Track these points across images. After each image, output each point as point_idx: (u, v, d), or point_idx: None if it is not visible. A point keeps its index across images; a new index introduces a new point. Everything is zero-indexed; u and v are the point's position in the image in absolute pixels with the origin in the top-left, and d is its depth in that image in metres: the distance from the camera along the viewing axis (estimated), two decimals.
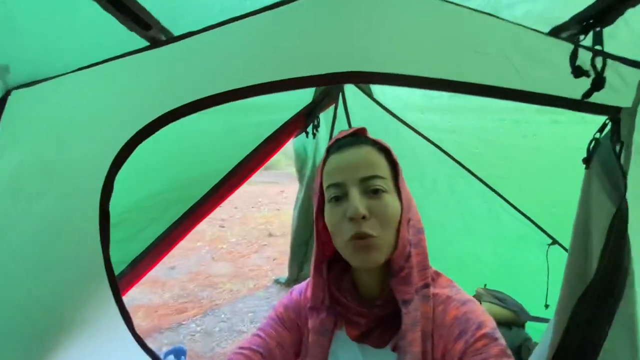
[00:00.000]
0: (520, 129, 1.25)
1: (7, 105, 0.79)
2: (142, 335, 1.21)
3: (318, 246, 0.61)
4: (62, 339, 1.00)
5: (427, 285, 0.56)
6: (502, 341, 0.48)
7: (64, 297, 0.99)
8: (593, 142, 0.78)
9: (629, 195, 0.68)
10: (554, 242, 1.59)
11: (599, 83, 0.57)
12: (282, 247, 4.68)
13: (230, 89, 0.84)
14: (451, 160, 1.52)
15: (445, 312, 0.53)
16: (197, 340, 2.46)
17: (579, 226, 0.79)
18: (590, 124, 1.16)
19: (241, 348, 0.61)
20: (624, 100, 0.73)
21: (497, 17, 0.66)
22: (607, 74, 0.64)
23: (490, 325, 0.50)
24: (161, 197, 1.49)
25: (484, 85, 0.72)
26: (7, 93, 0.78)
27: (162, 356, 1.76)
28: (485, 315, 0.52)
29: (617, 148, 0.72)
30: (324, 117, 1.64)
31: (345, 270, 0.62)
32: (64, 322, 1.00)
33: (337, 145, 0.58)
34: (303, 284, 0.71)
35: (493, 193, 1.54)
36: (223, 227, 5.74)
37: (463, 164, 1.51)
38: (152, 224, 1.51)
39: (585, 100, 0.67)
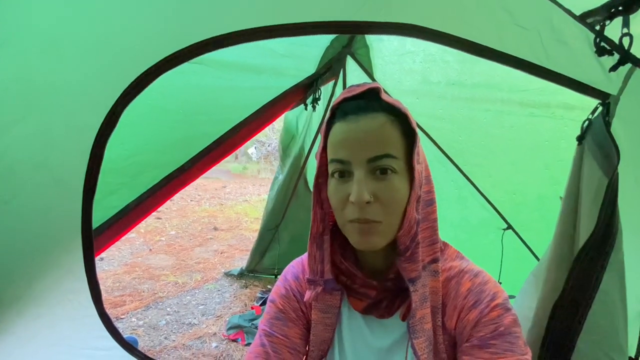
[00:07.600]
0: (501, 119, 1.40)
1: None
2: None
3: (317, 216, 0.55)
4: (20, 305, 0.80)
5: (435, 260, 0.54)
6: (514, 311, 0.50)
7: (31, 252, 0.80)
8: (587, 122, 0.92)
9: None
10: (509, 227, 1.82)
11: (625, 58, 0.69)
12: (230, 241, 4.46)
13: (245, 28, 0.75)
14: (434, 147, 1.64)
15: (459, 284, 0.53)
16: (141, 334, 2.18)
17: (570, 191, 0.92)
18: (559, 119, 1.36)
19: None
20: (613, 88, 0.89)
21: None
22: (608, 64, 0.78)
23: (503, 296, 0.51)
24: (135, 159, 1.30)
25: (521, 59, 0.80)
26: None
27: None
28: (497, 287, 0.52)
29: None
30: (323, 92, 1.62)
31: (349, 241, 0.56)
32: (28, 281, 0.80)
33: (344, 110, 0.50)
34: (293, 264, 0.66)
35: (465, 180, 1.70)
36: (159, 218, 5.23)
37: (445, 151, 1.63)
38: (121, 190, 1.30)
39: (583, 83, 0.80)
